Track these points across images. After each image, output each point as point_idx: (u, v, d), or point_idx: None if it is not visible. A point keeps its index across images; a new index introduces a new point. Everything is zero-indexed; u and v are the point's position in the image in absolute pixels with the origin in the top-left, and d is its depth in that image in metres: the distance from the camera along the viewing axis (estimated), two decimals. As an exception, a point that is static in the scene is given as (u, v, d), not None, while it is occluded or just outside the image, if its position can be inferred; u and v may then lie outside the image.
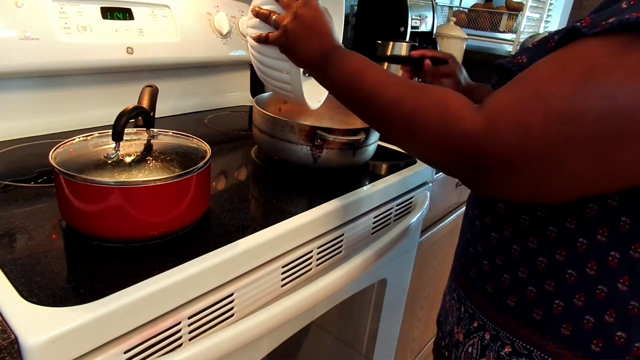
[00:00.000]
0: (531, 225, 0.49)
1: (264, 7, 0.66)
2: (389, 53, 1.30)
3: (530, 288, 0.49)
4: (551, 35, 0.49)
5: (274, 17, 0.64)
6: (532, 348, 0.50)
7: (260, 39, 0.66)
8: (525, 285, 0.50)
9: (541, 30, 2.15)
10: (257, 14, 0.66)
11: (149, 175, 0.53)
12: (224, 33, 1.09)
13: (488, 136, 0.39)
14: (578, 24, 0.39)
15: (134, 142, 0.59)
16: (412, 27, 1.48)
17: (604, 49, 0.36)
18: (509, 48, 2.12)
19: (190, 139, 0.63)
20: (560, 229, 0.46)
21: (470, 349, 0.56)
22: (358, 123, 0.93)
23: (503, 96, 0.41)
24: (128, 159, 0.55)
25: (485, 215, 0.55)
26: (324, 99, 0.82)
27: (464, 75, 0.88)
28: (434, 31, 1.63)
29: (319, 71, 0.60)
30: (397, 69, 1.07)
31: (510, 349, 0.51)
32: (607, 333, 0.45)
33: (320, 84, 0.62)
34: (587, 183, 0.39)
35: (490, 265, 0.54)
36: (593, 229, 0.44)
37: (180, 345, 0.51)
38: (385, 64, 1.17)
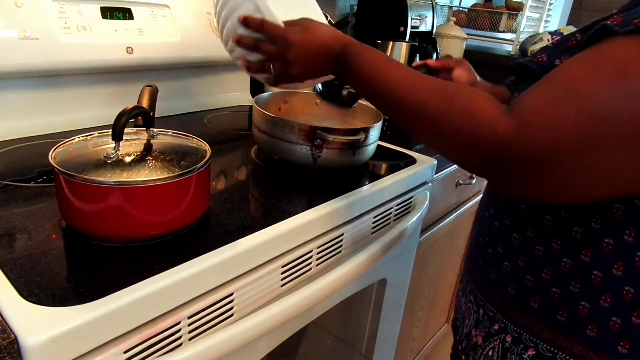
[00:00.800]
0: (555, 226, 0.48)
1: (241, 32, 0.61)
2: (389, 54, 1.30)
3: (555, 289, 0.49)
4: (572, 33, 0.48)
5: (263, 47, 0.60)
6: (556, 351, 0.49)
7: (267, 76, 0.63)
8: (550, 286, 0.49)
9: (541, 30, 2.15)
10: (245, 46, 0.62)
11: (149, 175, 0.53)
12: (224, 33, 1.09)
13: (520, 139, 0.39)
14: (609, 22, 0.38)
15: (134, 142, 0.59)
16: (412, 27, 1.48)
17: (638, 48, 0.36)
18: (509, 48, 2.12)
19: (190, 139, 0.63)
20: (585, 229, 0.46)
21: (490, 353, 0.55)
22: (358, 123, 0.93)
23: (534, 97, 0.40)
24: (128, 159, 0.55)
25: (505, 216, 0.54)
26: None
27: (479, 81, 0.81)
28: (434, 31, 1.63)
29: (339, 76, 0.59)
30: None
31: (534, 352, 0.50)
32: (634, 335, 0.45)
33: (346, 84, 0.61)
34: (616, 183, 0.39)
35: (512, 266, 0.53)
36: (620, 230, 0.44)
37: (180, 345, 0.51)
38: None
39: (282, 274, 0.63)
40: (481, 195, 1.41)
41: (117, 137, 0.54)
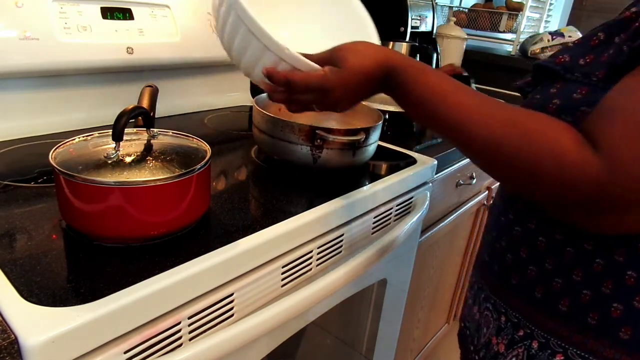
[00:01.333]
0: None
1: (269, 82, 0.55)
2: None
3: (585, 291, 0.47)
4: (592, 33, 0.47)
5: (300, 99, 0.55)
6: (586, 355, 0.47)
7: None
8: (580, 288, 0.47)
9: (541, 30, 2.15)
10: (279, 101, 0.57)
11: (149, 175, 0.53)
12: (224, 33, 1.09)
13: (617, 178, 0.37)
14: None
15: (134, 142, 0.59)
16: (412, 27, 1.48)
17: None
18: (509, 48, 2.12)
19: (190, 139, 0.63)
20: None
21: None
22: (358, 123, 0.93)
23: (618, 131, 0.38)
24: (128, 159, 0.55)
25: (528, 220, 0.52)
26: None
27: None
28: (434, 31, 1.63)
29: (389, 95, 0.55)
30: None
31: (562, 357, 0.49)
32: None
33: None
34: None
35: (537, 270, 0.51)
36: None
37: (180, 345, 0.51)
38: None
39: (282, 274, 0.63)
40: (480, 196, 1.41)
41: (117, 137, 0.54)
